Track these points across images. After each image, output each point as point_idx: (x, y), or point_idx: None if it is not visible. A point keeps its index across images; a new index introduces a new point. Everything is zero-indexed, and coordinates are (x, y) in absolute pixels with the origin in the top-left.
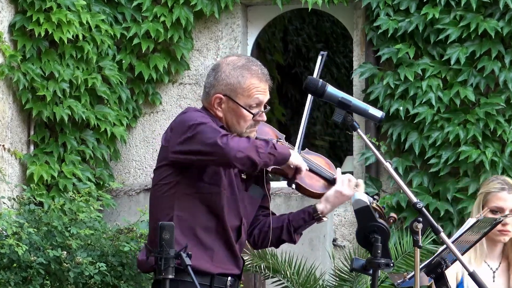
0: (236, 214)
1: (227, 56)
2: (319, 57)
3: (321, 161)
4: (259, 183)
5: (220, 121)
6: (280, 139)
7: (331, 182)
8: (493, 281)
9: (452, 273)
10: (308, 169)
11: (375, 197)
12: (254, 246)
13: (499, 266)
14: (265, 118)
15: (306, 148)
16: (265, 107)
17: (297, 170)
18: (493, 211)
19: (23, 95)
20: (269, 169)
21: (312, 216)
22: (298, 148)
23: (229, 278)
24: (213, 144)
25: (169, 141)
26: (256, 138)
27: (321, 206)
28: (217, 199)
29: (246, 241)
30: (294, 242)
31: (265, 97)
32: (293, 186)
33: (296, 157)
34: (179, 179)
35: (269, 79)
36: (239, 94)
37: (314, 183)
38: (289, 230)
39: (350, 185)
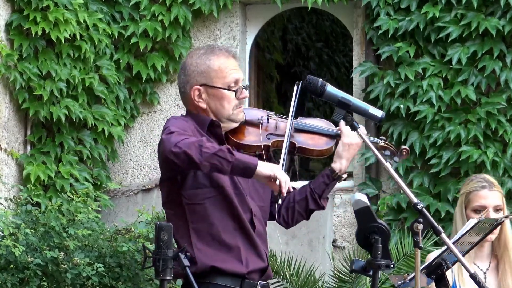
0: (245, 207)
1: (188, 52)
2: (295, 87)
3: (317, 122)
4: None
5: (206, 114)
6: (268, 114)
7: (333, 136)
8: (485, 281)
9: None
10: (304, 132)
11: (382, 137)
12: (286, 225)
13: (489, 265)
14: (247, 94)
15: (299, 116)
16: (245, 86)
17: (279, 183)
18: (476, 210)
19: (20, 94)
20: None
21: (331, 177)
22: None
23: (260, 282)
24: (160, 142)
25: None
26: (246, 121)
27: (336, 165)
28: (225, 198)
29: (280, 223)
30: (323, 208)
31: (239, 73)
32: (279, 201)
33: (268, 167)
34: (180, 192)
35: (236, 55)
36: (214, 78)
37: (317, 142)
38: (314, 198)
39: (355, 134)
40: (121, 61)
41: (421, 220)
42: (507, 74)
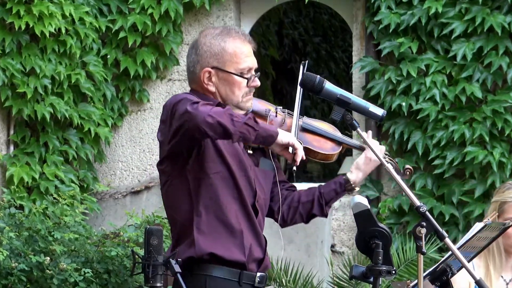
0: (250, 191)
1: (202, 31)
2: (301, 67)
3: (324, 125)
4: (267, 156)
5: (214, 97)
6: (276, 108)
7: (339, 142)
8: None
9: (465, 282)
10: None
11: (386, 153)
12: (282, 223)
13: None
14: (259, 83)
15: (305, 116)
16: (255, 72)
17: (294, 151)
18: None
19: (2, 92)
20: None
21: (344, 187)
22: (296, 126)
23: (258, 273)
24: (184, 113)
25: (164, 134)
26: (253, 111)
27: (353, 175)
28: (231, 175)
29: (277, 220)
30: (326, 215)
31: (254, 61)
32: (294, 168)
33: (286, 135)
34: (186, 167)
35: (252, 40)
36: (227, 61)
37: (322, 145)
38: (321, 203)
39: (380, 150)
40: (108, 56)
41: (424, 224)
42: None
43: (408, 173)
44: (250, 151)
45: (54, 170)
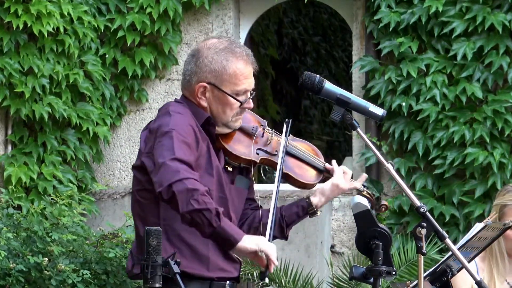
0: (226, 213)
1: (206, 40)
2: (285, 126)
3: (308, 148)
4: (243, 173)
5: (204, 111)
6: (263, 125)
7: (321, 171)
8: None
9: (468, 284)
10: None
11: (364, 184)
12: None
13: None
14: (252, 105)
15: (291, 135)
16: (251, 93)
17: (267, 259)
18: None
19: (0, 91)
20: None
21: (306, 211)
22: (270, 232)
23: (228, 282)
24: (163, 165)
25: (146, 144)
26: (241, 127)
27: (315, 199)
28: None
29: None
30: (286, 238)
31: (252, 82)
32: (266, 280)
33: (254, 241)
34: None
35: (254, 61)
36: (225, 81)
37: (304, 173)
38: (282, 226)
39: (347, 178)
40: (107, 56)
41: (425, 225)
42: None
43: (383, 209)
44: (230, 168)
45: (52, 170)
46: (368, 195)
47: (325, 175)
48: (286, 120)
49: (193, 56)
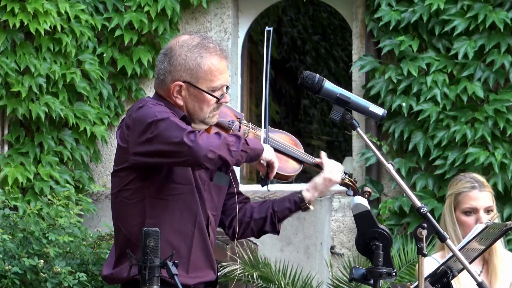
0: (204, 213)
1: (177, 36)
2: (265, 33)
3: (286, 139)
4: (222, 170)
5: (180, 109)
6: (240, 118)
7: (300, 161)
8: None
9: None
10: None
11: (346, 171)
12: (233, 237)
13: (482, 269)
14: (228, 100)
15: (269, 126)
16: (226, 88)
17: (270, 166)
18: (467, 212)
19: None
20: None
21: (298, 206)
22: (267, 137)
23: None
24: (179, 143)
25: (128, 141)
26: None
27: (308, 194)
28: (191, 199)
29: (227, 233)
30: (278, 232)
31: (227, 77)
32: (268, 187)
33: (269, 152)
34: (147, 183)
35: (228, 54)
36: (200, 79)
37: (284, 165)
38: (273, 221)
39: (339, 170)
40: (104, 55)
41: (425, 225)
42: None
43: (366, 196)
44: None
45: (49, 171)
46: (350, 183)
47: (304, 165)
48: (267, 29)
49: (165, 55)
